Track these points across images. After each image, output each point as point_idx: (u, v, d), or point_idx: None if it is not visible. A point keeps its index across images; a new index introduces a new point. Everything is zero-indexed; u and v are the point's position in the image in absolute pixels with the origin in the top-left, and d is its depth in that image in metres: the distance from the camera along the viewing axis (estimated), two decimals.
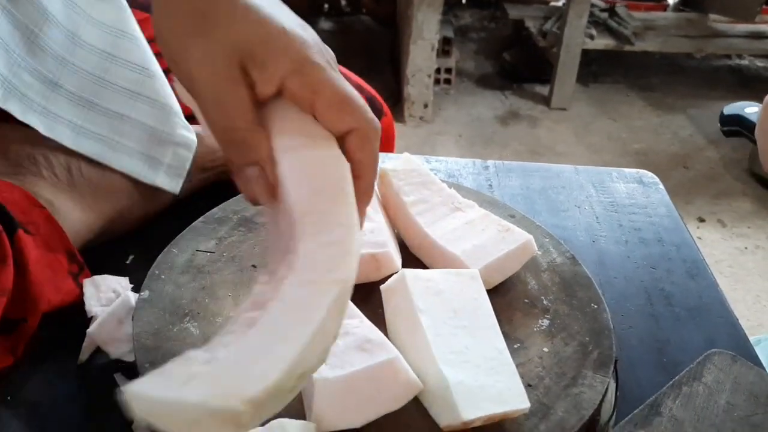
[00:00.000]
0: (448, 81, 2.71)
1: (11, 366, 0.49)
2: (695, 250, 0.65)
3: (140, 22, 0.62)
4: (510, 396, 0.41)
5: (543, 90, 2.76)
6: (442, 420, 0.40)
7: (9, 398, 0.47)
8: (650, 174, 0.76)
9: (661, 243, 0.66)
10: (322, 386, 0.39)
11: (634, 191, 0.73)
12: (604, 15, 2.83)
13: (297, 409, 0.41)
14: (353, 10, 3.36)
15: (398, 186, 0.56)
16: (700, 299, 0.59)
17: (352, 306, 0.45)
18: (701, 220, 2.14)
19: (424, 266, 0.54)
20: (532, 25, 2.86)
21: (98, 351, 0.51)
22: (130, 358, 0.50)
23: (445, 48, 2.63)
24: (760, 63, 3.19)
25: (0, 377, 0.48)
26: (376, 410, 0.40)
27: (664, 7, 3.26)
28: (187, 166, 0.62)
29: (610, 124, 2.62)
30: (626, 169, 0.76)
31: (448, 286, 0.46)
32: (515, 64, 2.88)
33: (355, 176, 0.38)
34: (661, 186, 0.74)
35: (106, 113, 0.60)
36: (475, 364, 0.42)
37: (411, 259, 0.54)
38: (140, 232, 0.62)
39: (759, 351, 0.55)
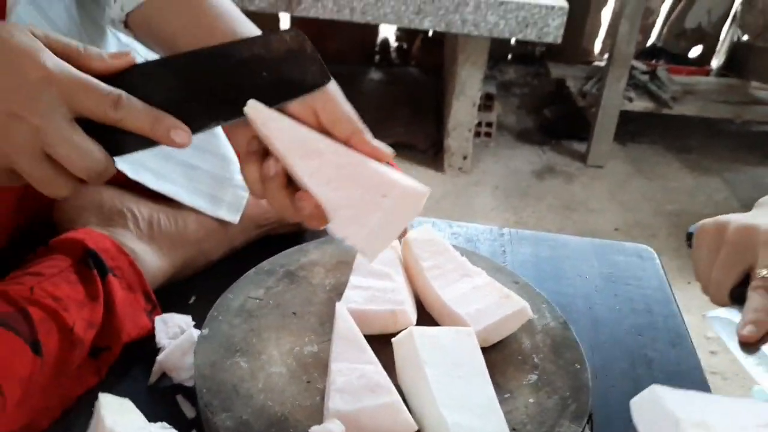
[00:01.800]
0: (488, 134, 2.82)
1: (96, 385, 0.61)
2: (680, 321, 0.73)
3: None
4: None
5: (580, 147, 2.85)
6: None
7: (92, 410, 0.59)
8: (649, 249, 0.85)
9: (650, 313, 0.74)
10: (335, 416, 0.49)
11: (632, 264, 0.82)
12: (645, 78, 2.91)
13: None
14: (402, 61, 3.51)
15: (418, 253, 0.66)
16: (678, 366, 0.68)
17: (370, 353, 0.56)
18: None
19: (434, 321, 0.64)
20: (572, 85, 2.96)
21: (164, 376, 0.62)
22: (189, 384, 0.61)
23: (486, 103, 2.74)
24: None
25: (88, 393, 0.60)
26: None
27: (707, 72, 3.33)
28: (243, 202, 0.75)
29: (645, 184, 2.69)
30: (627, 243, 0.86)
31: (449, 342, 0.56)
32: (555, 120, 2.98)
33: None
34: (657, 261, 0.83)
35: (181, 163, 0.73)
36: (469, 408, 0.52)
37: (424, 315, 0.65)
38: (202, 277, 0.74)
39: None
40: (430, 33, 3.32)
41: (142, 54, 0.77)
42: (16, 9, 0.60)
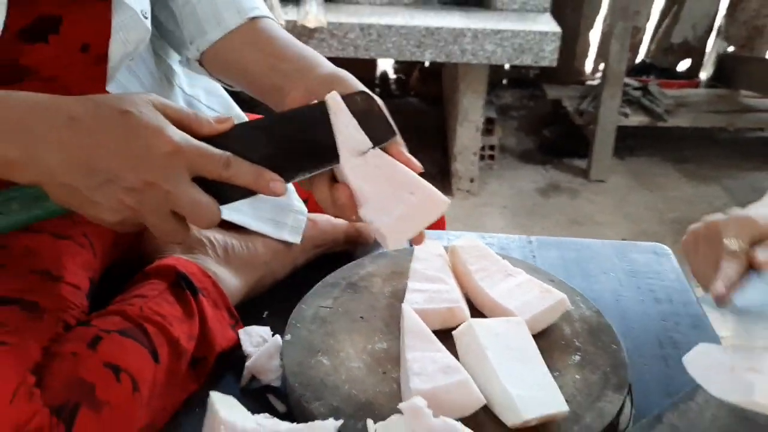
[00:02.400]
0: (492, 157, 2.93)
1: (197, 390, 0.69)
2: (698, 308, 0.83)
3: None
4: (554, 404, 0.59)
5: (581, 164, 2.95)
6: (509, 421, 0.59)
7: (197, 410, 0.67)
8: (664, 246, 0.94)
9: (671, 302, 0.84)
10: (416, 394, 0.58)
11: (650, 260, 0.91)
12: (638, 93, 3.03)
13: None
14: (402, 92, 3.64)
15: (465, 259, 0.76)
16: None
17: (438, 342, 0.65)
18: None
19: (485, 317, 0.73)
20: (569, 104, 3.08)
21: (253, 379, 0.71)
22: (276, 384, 0.70)
23: (488, 127, 2.85)
24: None
25: (190, 398, 0.68)
26: (452, 415, 0.59)
27: (696, 84, 3.45)
28: (303, 225, 0.84)
29: (646, 195, 2.79)
30: (644, 243, 0.95)
31: (503, 330, 0.65)
32: (554, 140, 3.09)
33: None
34: (673, 256, 0.92)
35: None
36: (528, 383, 0.61)
37: (474, 311, 0.73)
38: (271, 294, 0.83)
39: None
40: (427, 63, 3.44)
41: (204, 101, 0.87)
42: (117, 76, 0.70)
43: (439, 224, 1.06)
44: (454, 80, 2.73)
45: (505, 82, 3.69)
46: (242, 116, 0.87)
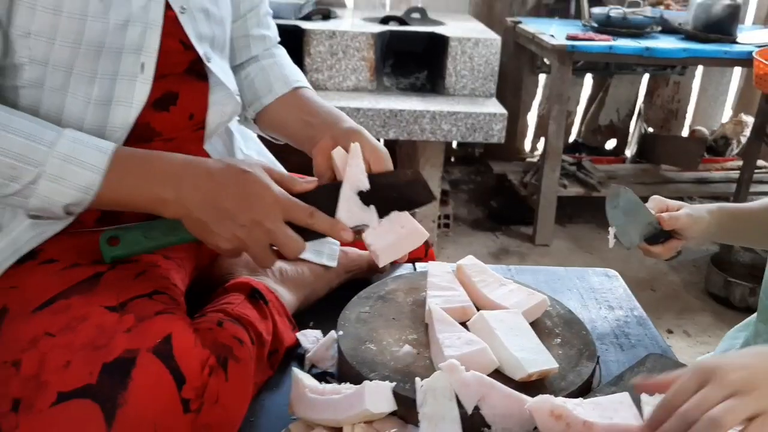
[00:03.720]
0: (447, 225, 3.21)
1: (272, 375, 0.89)
2: (642, 312, 1.08)
3: None
4: (548, 362, 0.82)
5: (527, 230, 3.26)
6: (516, 375, 0.81)
7: (274, 389, 0.87)
8: (614, 271, 1.20)
9: (621, 308, 1.09)
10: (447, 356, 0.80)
11: (603, 281, 1.17)
12: (573, 168, 3.40)
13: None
14: None
15: (469, 273, 0.99)
16: (645, 335, 1.02)
17: (459, 326, 0.87)
18: (670, 332, 2.56)
19: None
20: (513, 178, 3.42)
21: (312, 367, 0.91)
22: (332, 370, 0.91)
23: (443, 198, 3.14)
24: (708, 203, 3.74)
25: (267, 382, 0.88)
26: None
27: (623, 160, 3.86)
28: (337, 253, 1.06)
29: (586, 256, 3.10)
30: (597, 268, 1.21)
31: (505, 317, 0.89)
32: (502, 209, 3.40)
33: None
34: (620, 278, 1.18)
35: None
36: (527, 349, 0.84)
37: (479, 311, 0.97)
38: (314, 308, 1.04)
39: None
40: (382, 142, 3.75)
41: (245, 151, 1.10)
42: (211, 140, 0.94)
43: (430, 256, 1.30)
44: (412, 157, 3.02)
45: (453, 160, 4.02)
46: (283, 171, 1.10)
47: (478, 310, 0.94)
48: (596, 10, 2.96)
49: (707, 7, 2.80)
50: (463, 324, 0.90)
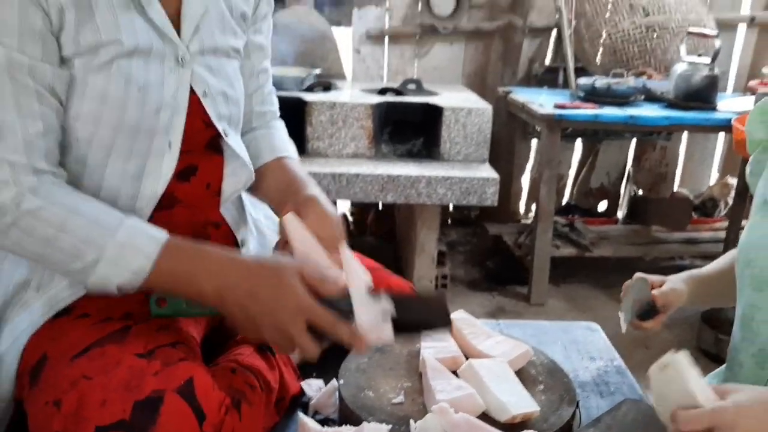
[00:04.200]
0: (444, 285, 3.29)
1: (279, 421, 0.97)
2: (621, 362, 1.16)
3: None
4: (530, 406, 0.91)
5: (523, 290, 3.34)
6: (501, 417, 0.89)
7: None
8: (595, 324, 1.29)
9: (602, 359, 1.18)
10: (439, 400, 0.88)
11: (586, 333, 1.26)
12: (566, 229, 3.51)
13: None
14: (359, 232, 4.03)
15: (459, 325, 1.08)
16: (623, 384, 1.10)
17: (450, 374, 0.96)
18: None
19: None
20: (508, 239, 3.52)
21: (316, 413, 0.99)
22: (334, 416, 0.99)
23: (440, 259, 3.24)
24: (698, 262, 3.84)
25: (274, 428, 0.96)
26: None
27: (615, 222, 3.98)
28: None
29: (580, 316, 3.17)
30: (580, 322, 1.30)
31: (492, 365, 0.97)
32: (497, 270, 3.49)
33: None
34: (601, 331, 1.27)
35: None
36: (511, 394, 0.92)
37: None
38: (317, 360, 1.12)
39: None
40: (381, 206, 3.88)
41: (263, 223, 1.20)
42: (248, 242, 1.05)
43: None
44: (409, 219, 3.14)
45: (450, 222, 4.14)
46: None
47: (467, 359, 1.03)
48: (582, 80, 3.13)
49: (687, 78, 2.96)
50: (454, 372, 0.99)
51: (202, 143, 1.00)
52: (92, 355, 0.82)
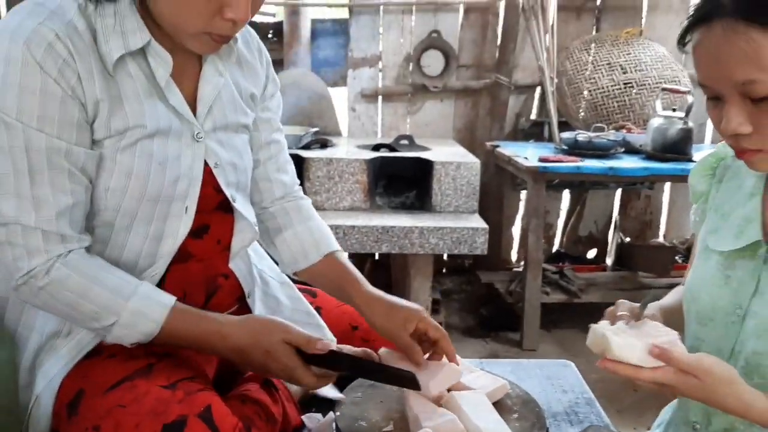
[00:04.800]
0: None
1: None
2: (591, 394, 1.29)
3: None
4: None
5: (515, 336, 3.45)
6: None
7: None
8: (568, 361, 1.42)
9: (573, 392, 1.30)
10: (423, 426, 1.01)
11: (560, 370, 1.39)
12: (556, 276, 3.64)
13: None
14: None
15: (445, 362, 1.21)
16: (591, 412, 1.22)
17: (432, 404, 1.08)
18: (648, 429, 2.71)
19: None
20: (500, 287, 3.65)
21: None
22: None
23: (435, 307, 3.36)
24: None
25: None
26: None
27: (604, 269, 4.11)
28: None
29: (571, 360, 3.27)
30: (555, 360, 1.42)
31: (471, 397, 1.10)
32: (491, 317, 3.61)
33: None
34: (574, 367, 1.39)
35: None
36: (488, 422, 1.04)
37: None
38: (316, 396, 1.24)
39: None
40: (377, 257, 4.01)
41: (268, 273, 1.33)
42: (254, 292, 1.19)
43: None
44: (404, 269, 3.27)
45: (444, 270, 4.27)
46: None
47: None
48: (565, 134, 3.31)
49: (663, 131, 3.14)
50: (437, 403, 1.11)
51: (213, 205, 1.15)
52: (124, 388, 0.95)
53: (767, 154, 0.93)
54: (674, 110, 3.21)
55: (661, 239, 4.13)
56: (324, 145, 3.26)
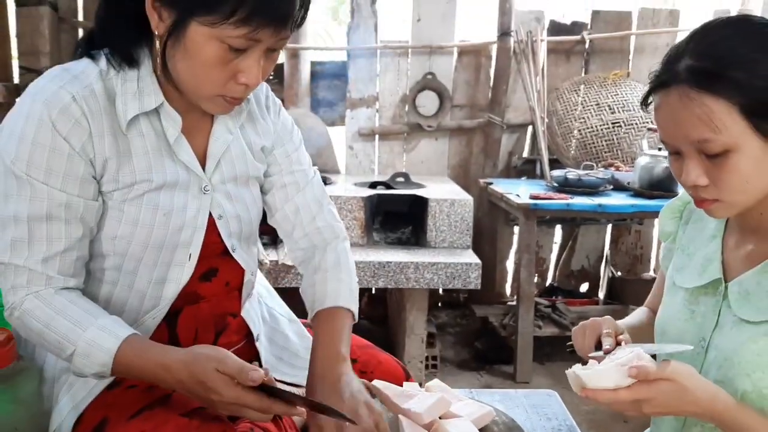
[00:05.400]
0: (434, 366, 3.48)
1: None
2: (572, 420, 1.37)
3: None
4: None
5: (509, 369, 3.53)
6: None
7: None
8: (553, 391, 1.51)
9: (557, 419, 1.39)
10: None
11: (544, 399, 1.47)
12: (548, 310, 3.73)
13: None
14: None
15: (435, 391, 1.30)
16: None
17: (423, 429, 1.17)
18: None
19: None
20: (494, 321, 3.73)
21: None
22: None
23: (430, 341, 3.44)
24: None
25: None
26: None
27: (596, 302, 4.20)
28: None
29: (564, 392, 3.34)
30: (540, 390, 1.51)
31: (460, 424, 1.19)
32: (485, 350, 3.69)
33: None
34: (558, 396, 1.48)
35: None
36: None
37: None
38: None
39: None
40: (374, 291, 4.10)
41: (278, 310, 1.43)
42: (261, 334, 1.29)
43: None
44: (400, 303, 3.36)
45: (440, 304, 4.35)
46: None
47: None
48: (556, 172, 3.43)
49: (650, 169, 3.26)
50: (429, 429, 1.20)
51: (218, 252, 1.24)
52: (145, 416, 1.05)
53: (723, 203, 1.04)
54: (660, 149, 3.33)
55: (651, 273, 4.23)
56: (323, 182, 3.37)
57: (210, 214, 1.20)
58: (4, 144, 1.05)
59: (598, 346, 1.11)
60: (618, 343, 1.10)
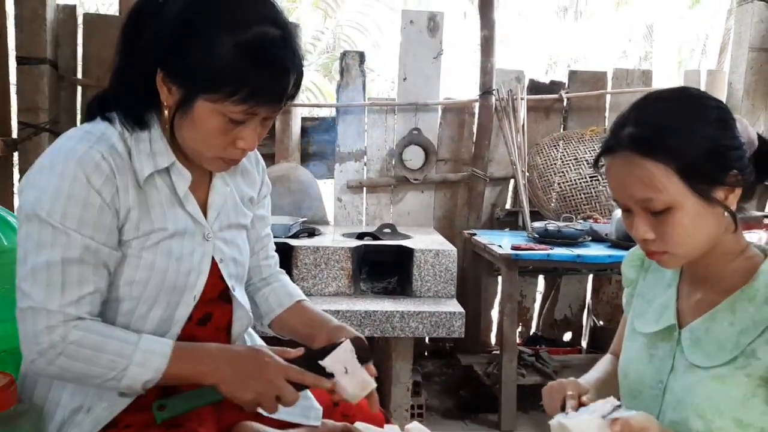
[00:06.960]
0: (420, 414, 3.52)
1: None
2: None
3: None
4: None
5: (494, 417, 3.57)
6: None
7: None
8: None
9: None
10: None
11: None
12: (532, 359, 3.80)
13: None
14: None
15: None
16: None
17: None
18: None
19: None
20: (479, 369, 3.79)
21: None
22: None
23: (416, 389, 3.49)
24: None
25: None
26: None
27: (579, 351, 4.28)
28: (320, 415, 1.42)
29: None
30: None
31: None
32: (470, 399, 3.74)
33: None
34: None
35: None
36: None
37: None
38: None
39: None
40: None
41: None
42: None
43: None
44: (386, 351, 3.42)
45: (426, 354, 4.41)
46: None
47: None
48: (536, 224, 3.56)
49: None
50: None
51: (216, 294, 1.35)
52: None
53: (671, 255, 1.16)
54: None
55: None
56: (312, 233, 3.48)
57: (212, 260, 1.32)
58: (36, 200, 1.15)
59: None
60: (581, 404, 1.19)
